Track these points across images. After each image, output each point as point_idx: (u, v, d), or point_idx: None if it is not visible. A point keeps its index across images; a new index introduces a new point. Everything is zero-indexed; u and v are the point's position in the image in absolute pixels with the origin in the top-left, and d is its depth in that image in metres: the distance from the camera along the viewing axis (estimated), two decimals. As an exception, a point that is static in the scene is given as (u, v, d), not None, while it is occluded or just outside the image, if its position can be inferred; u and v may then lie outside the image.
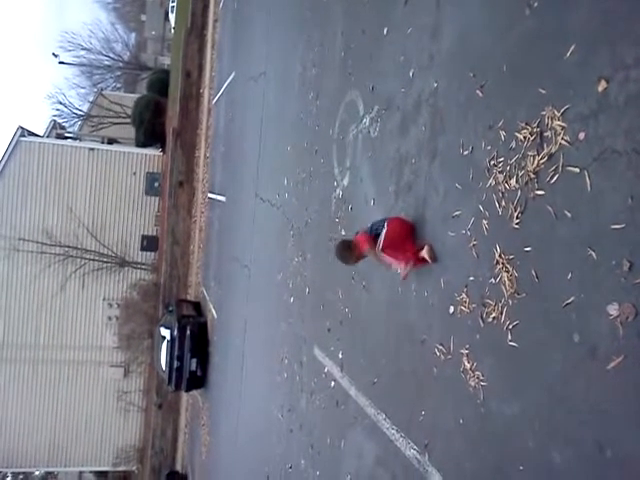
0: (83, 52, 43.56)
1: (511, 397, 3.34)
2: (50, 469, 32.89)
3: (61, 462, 25.54)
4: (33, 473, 40.23)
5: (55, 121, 32.52)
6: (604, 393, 2.69)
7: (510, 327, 3.37)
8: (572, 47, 3.00)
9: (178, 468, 21.37)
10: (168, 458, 21.87)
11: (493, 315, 3.55)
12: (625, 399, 2.58)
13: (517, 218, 3.37)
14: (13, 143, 23.66)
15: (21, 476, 42.09)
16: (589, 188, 2.85)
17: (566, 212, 2.98)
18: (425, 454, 4.22)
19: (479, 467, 3.59)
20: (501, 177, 3.55)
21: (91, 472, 36.89)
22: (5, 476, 40.84)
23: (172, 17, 38.13)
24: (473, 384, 3.69)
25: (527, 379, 3.21)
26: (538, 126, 3.23)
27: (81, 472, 38.86)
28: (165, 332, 16.93)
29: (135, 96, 34.31)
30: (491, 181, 3.66)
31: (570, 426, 2.86)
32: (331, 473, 6.08)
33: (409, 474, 4.41)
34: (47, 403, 24.70)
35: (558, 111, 3.07)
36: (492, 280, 3.59)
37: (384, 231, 4.46)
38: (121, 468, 26.58)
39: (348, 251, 4.67)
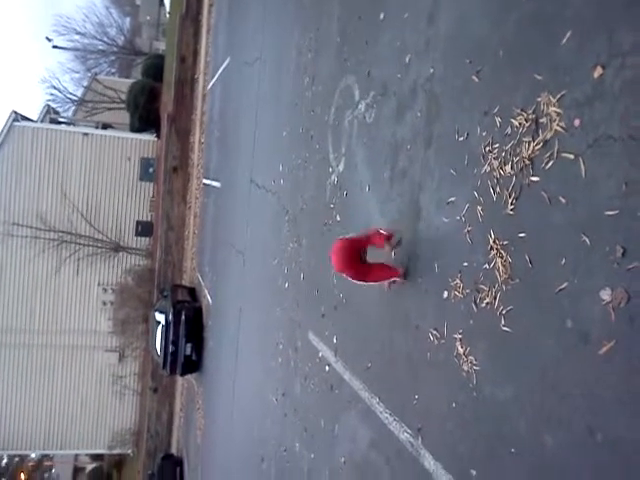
0: (77, 36, 43.11)
1: (504, 381, 3.37)
2: (46, 452, 33.12)
3: (57, 445, 25.67)
4: (29, 455, 40.49)
5: (49, 106, 32.26)
6: (596, 378, 2.72)
7: (503, 312, 3.40)
8: (568, 33, 3.00)
9: (173, 451, 21.49)
10: (163, 441, 21.99)
11: (487, 300, 3.57)
12: (616, 384, 2.61)
13: (512, 204, 3.39)
14: (7, 128, 23.51)
15: (17, 458, 42.38)
16: (584, 174, 2.86)
17: (561, 198, 3.00)
18: (418, 438, 4.26)
19: (472, 450, 3.63)
20: (496, 163, 3.56)
21: (87, 455, 37.17)
22: (1, 458, 41.12)
23: (167, 1, 37.81)
24: (466, 369, 3.72)
25: (520, 364, 3.24)
26: (534, 112, 3.23)
27: (77, 455, 39.14)
28: (160, 317, 16.95)
29: (129, 81, 34.05)
30: (486, 167, 3.66)
31: (562, 410, 2.90)
32: (325, 456, 6.13)
33: (402, 457, 4.46)
34: (43, 387, 24.77)
35: (554, 97, 3.08)
36: (486, 266, 3.61)
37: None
38: (117, 451, 26.75)
39: None
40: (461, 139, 3.99)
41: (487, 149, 3.66)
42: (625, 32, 2.67)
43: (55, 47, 40.47)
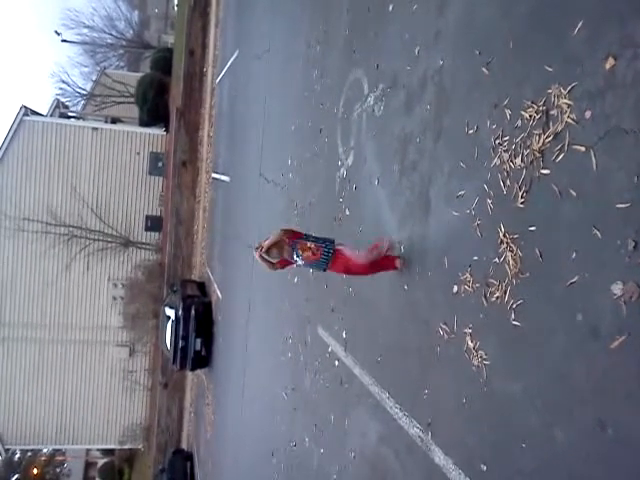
0: (86, 30, 43.09)
1: (514, 376, 3.35)
2: (58, 446, 33.36)
3: (68, 440, 25.85)
4: (41, 450, 40.82)
5: (58, 100, 32.37)
6: (606, 372, 2.69)
7: (514, 306, 3.37)
8: (580, 23, 2.96)
9: (184, 446, 21.60)
10: (174, 436, 22.10)
11: (497, 295, 3.55)
12: (627, 378, 2.58)
13: (522, 197, 3.36)
14: (17, 122, 23.59)
15: (29, 453, 42.75)
16: (595, 167, 2.83)
17: (571, 191, 2.97)
18: (428, 432, 4.25)
19: (481, 445, 3.61)
20: (506, 156, 3.52)
21: (98, 450, 37.42)
22: (14, 453, 41.48)
23: (175, -5, 37.73)
24: (476, 363, 3.70)
25: (530, 358, 3.22)
26: (544, 104, 3.20)
27: (88, 449, 39.43)
28: (170, 312, 17.01)
29: (138, 75, 34.09)
30: (496, 160, 3.63)
31: (572, 404, 2.87)
32: (335, 451, 6.13)
33: (412, 452, 4.45)
34: (54, 382, 24.93)
35: (565, 89, 3.04)
36: (496, 260, 3.58)
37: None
38: (127, 446, 26.89)
39: None
40: (471, 132, 3.95)
41: (497, 142, 3.63)
42: (637, 23, 2.63)
43: (64, 41, 40.50)
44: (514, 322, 3.36)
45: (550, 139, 3.14)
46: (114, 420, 25.58)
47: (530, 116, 3.30)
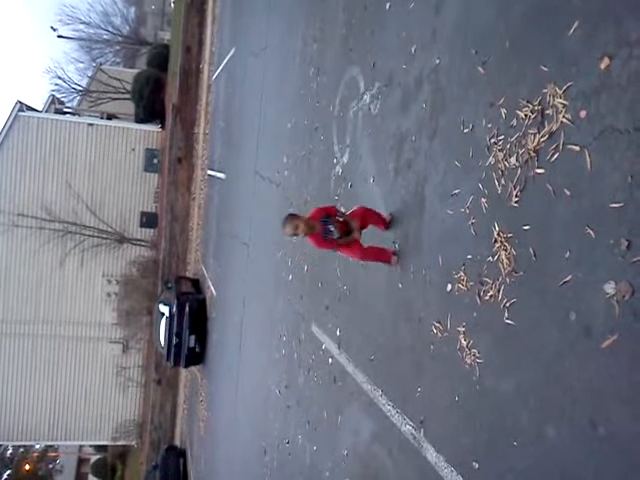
0: (82, 26, 42.94)
1: (506, 374, 3.36)
2: (50, 442, 33.29)
3: (61, 436, 25.80)
4: (33, 446, 40.69)
5: (54, 96, 32.26)
6: (598, 371, 2.70)
7: (507, 305, 3.38)
8: (575, 23, 2.97)
9: (177, 443, 21.58)
10: (167, 433, 22.07)
11: (490, 293, 3.55)
12: (618, 377, 2.59)
13: (516, 196, 3.37)
14: (12, 118, 23.52)
15: (21, 449, 42.61)
16: (589, 167, 2.84)
17: (565, 191, 2.97)
18: (421, 430, 4.26)
19: (474, 442, 3.63)
20: (501, 155, 3.53)
21: (91, 446, 37.35)
22: (6, 449, 41.36)
23: (172, -9, 37.62)
24: (469, 361, 3.71)
25: (523, 357, 3.23)
26: (539, 104, 3.21)
27: (81, 446, 39.35)
28: (164, 309, 16.99)
29: (134, 71, 34.01)
30: (491, 159, 3.64)
31: (564, 403, 2.89)
32: (328, 448, 6.14)
33: (405, 449, 4.46)
34: (47, 378, 24.88)
35: (560, 89, 3.05)
36: (490, 258, 3.59)
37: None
38: (120, 442, 26.86)
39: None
40: (466, 131, 3.96)
41: (492, 141, 3.64)
42: (633, 22, 2.64)
43: (60, 37, 40.38)
44: (507, 321, 3.37)
45: (545, 138, 3.15)
46: (107, 416, 25.55)
47: (525, 115, 3.31)
